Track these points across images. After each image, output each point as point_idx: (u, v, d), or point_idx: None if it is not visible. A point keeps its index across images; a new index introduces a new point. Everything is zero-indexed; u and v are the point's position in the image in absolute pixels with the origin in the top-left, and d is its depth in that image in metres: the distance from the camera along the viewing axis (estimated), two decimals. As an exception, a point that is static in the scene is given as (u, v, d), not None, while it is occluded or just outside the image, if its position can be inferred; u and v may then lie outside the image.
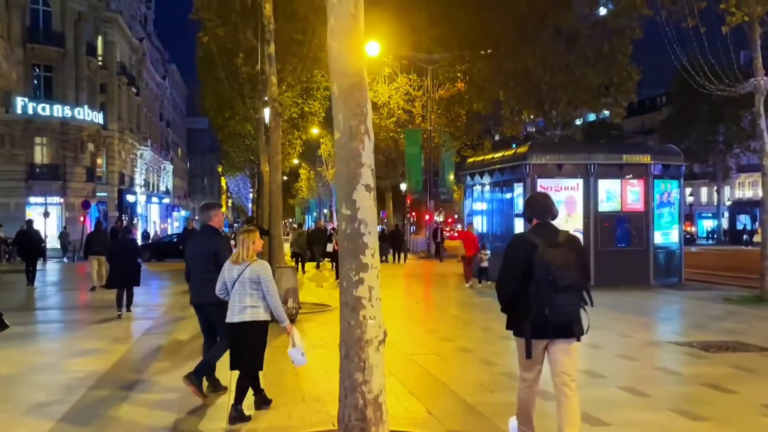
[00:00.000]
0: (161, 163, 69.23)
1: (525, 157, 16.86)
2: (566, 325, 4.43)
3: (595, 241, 16.84)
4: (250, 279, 5.54)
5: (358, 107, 4.37)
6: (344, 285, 4.31)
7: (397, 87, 37.21)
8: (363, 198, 4.28)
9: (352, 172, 4.30)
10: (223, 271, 5.69)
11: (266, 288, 5.58)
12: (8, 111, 39.08)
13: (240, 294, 5.57)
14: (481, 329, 10.59)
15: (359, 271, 4.24)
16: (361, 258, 4.25)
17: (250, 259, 5.60)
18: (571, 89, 21.85)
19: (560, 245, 4.53)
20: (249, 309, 5.56)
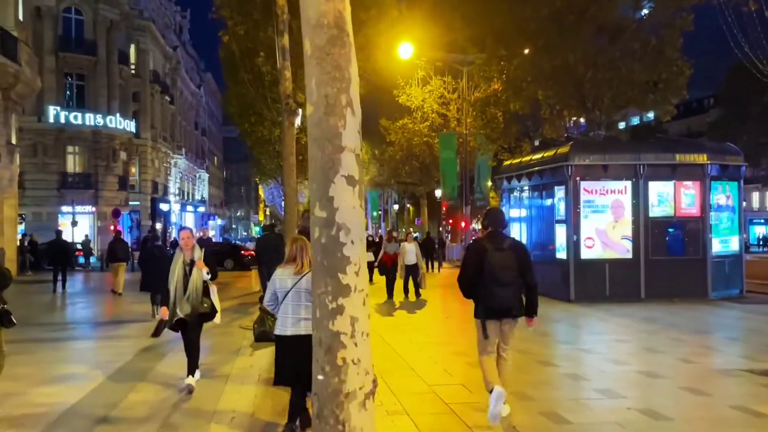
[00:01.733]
0: (196, 172, 69.16)
1: (566, 157, 15.43)
2: (507, 310, 5.75)
3: (645, 249, 15.30)
4: (307, 289, 5.08)
5: (337, 70, 3.15)
6: (317, 315, 3.09)
7: (431, 90, 36.07)
8: (343, 194, 3.07)
9: (329, 158, 3.08)
10: (273, 279, 5.38)
11: None
12: (40, 120, 39.06)
13: (294, 305, 5.25)
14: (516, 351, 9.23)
15: (337, 295, 3.02)
16: (340, 278, 3.03)
17: (307, 268, 5.22)
18: (616, 85, 20.27)
19: (505, 250, 5.72)
20: (303, 321, 5.16)
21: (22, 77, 24.11)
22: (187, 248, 6.96)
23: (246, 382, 7.43)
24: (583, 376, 7.51)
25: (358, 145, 3.16)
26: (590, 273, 15.21)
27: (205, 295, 6.97)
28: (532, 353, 8.95)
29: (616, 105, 21.23)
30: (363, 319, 3.05)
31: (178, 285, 6.82)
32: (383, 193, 59.09)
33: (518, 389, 6.87)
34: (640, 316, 12.62)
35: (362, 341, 3.04)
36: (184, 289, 6.83)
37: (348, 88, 3.15)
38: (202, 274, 6.87)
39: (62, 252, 20.50)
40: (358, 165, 3.15)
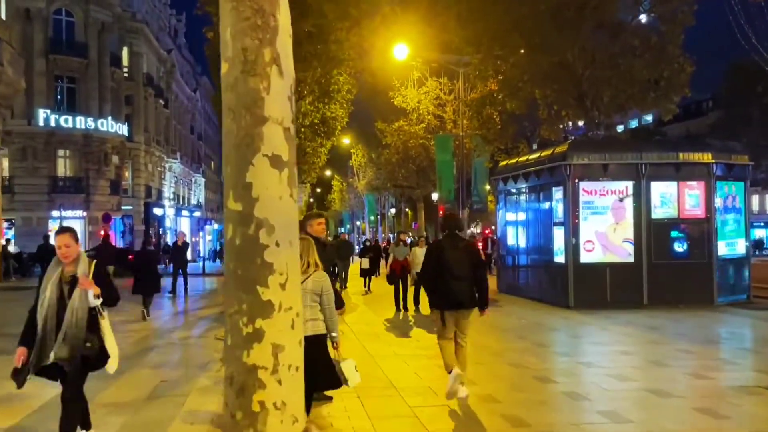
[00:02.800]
0: (192, 176, 68.36)
1: (565, 156, 14.68)
2: (461, 302, 6.48)
3: (648, 252, 14.55)
4: (313, 290, 5.10)
5: (259, 15, 2.40)
6: (228, 342, 2.33)
7: (426, 91, 35.30)
8: (265, 180, 2.32)
9: (247, 132, 2.34)
10: None
11: (327, 301, 5.22)
12: (30, 123, 38.31)
13: None
14: (511, 365, 8.45)
15: (255, 316, 2.27)
16: (258, 292, 2.27)
17: (314, 268, 5.17)
18: (616, 83, 19.58)
19: (460, 249, 6.56)
20: (309, 323, 5.03)
21: (5, 77, 23.37)
22: (67, 259, 4.70)
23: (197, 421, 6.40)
24: (584, 395, 6.74)
25: (289, 116, 2.40)
26: (590, 278, 14.46)
27: (90, 330, 4.64)
28: (528, 366, 8.18)
29: (615, 104, 20.53)
30: (291, 347, 2.30)
31: (49, 314, 4.58)
32: (380, 196, 58.31)
33: (512, 412, 6.10)
34: (643, 324, 11.86)
35: (289, 378, 2.28)
36: (58, 320, 4.59)
37: (274, 40, 2.40)
38: (89, 299, 4.61)
39: (50, 256, 19.68)
40: (289, 143, 2.39)
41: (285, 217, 2.27)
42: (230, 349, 2.24)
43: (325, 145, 31.63)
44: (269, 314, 2.21)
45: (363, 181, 56.32)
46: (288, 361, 2.23)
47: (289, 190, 2.30)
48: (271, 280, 2.23)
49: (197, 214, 69.99)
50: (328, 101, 25.96)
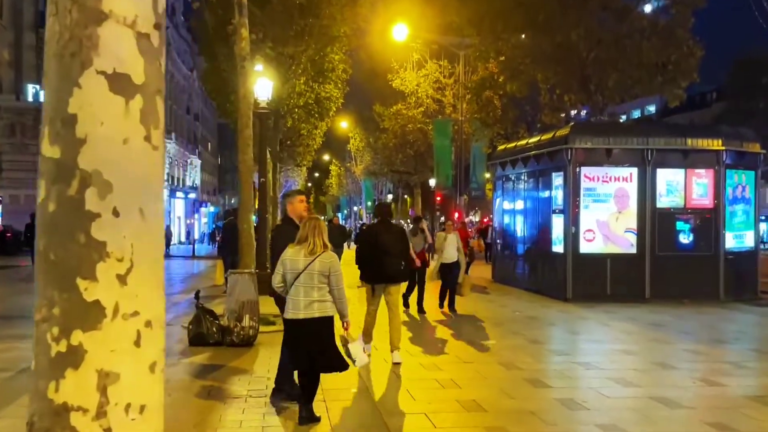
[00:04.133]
0: (187, 158, 67.34)
1: (566, 140, 13.81)
2: (392, 276, 7.59)
3: (651, 243, 13.72)
4: (320, 271, 5.03)
5: None
6: (32, 368, 1.49)
7: (426, 74, 34.33)
8: (98, 111, 1.47)
9: (73, 35, 1.49)
10: (283, 261, 5.14)
11: (336, 282, 5.10)
12: (19, 98, 37.31)
13: (306, 287, 5.05)
14: (502, 365, 7.64)
15: (70, 326, 1.43)
16: (80, 288, 1.43)
17: (320, 250, 5.07)
18: (622, 67, 18.69)
19: (392, 233, 7.78)
20: (317, 304, 5.05)
21: (-16, 48, 22.41)
22: None
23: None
24: (581, 403, 5.92)
25: (150, 16, 1.55)
26: (589, 269, 13.65)
27: None
28: (520, 367, 7.38)
29: (621, 88, 19.66)
30: (133, 377, 1.46)
31: None
32: (377, 182, 57.42)
33: (498, 424, 5.29)
34: (646, 321, 11.07)
35: (127, 427, 1.44)
36: None
37: None
38: None
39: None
40: (147, 57, 1.53)
41: (133, 172, 1.44)
42: (34, 378, 1.40)
43: (319, 127, 30.66)
44: (95, 323, 1.37)
45: (360, 165, 55.41)
46: (126, 399, 1.39)
47: (144, 130, 1.48)
48: (100, 269, 1.40)
49: (192, 196, 69.13)
50: (323, 81, 24.98)
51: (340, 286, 5.10)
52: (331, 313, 5.09)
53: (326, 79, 25.09)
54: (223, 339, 8.26)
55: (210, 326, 8.26)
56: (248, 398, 5.94)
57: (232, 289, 8.26)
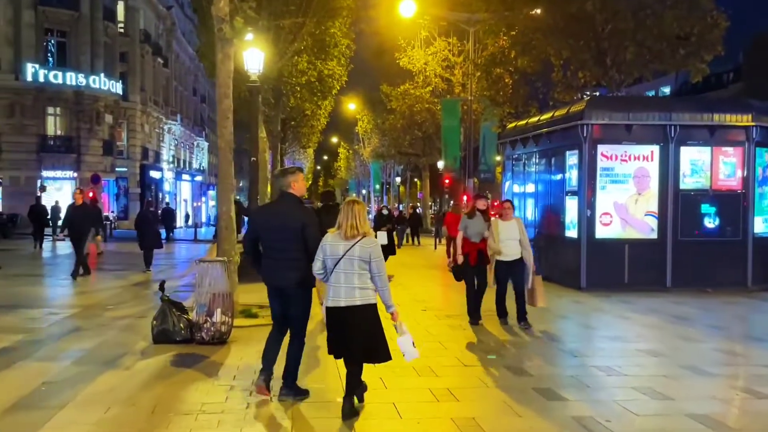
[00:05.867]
0: (194, 140, 66.49)
1: (581, 115, 12.67)
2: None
3: (674, 228, 12.63)
4: (360, 257, 4.84)
5: None
6: None
7: (434, 52, 33.14)
8: None
9: None
10: (323, 246, 4.98)
11: (377, 268, 4.88)
12: (18, 78, 36.44)
13: (347, 274, 4.88)
14: (508, 369, 6.64)
15: None
16: None
17: (361, 233, 4.87)
18: (641, 39, 17.46)
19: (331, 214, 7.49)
20: (359, 290, 4.87)
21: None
22: None
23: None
24: (604, 424, 4.88)
25: None
26: (606, 256, 12.56)
27: None
28: (528, 372, 6.37)
29: (639, 62, 18.44)
30: None
31: None
32: (386, 164, 56.27)
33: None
34: (669, 313, 10.02)
35: None
36: None
37: None
38: None
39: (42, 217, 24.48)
40: None
41: None
42: None
43: (323, 107, 29.55)
44: None
45: (368, 148, 54.31)
46: None
47: None
48: None
49: (199, 178, 68.35)
50: (325, 57, 23.84)
51: (382, 273, 4.90)
52: (373, 300, 4.92)
53: (328, 56, 23.97)
54: (192, 336, 7.30)
55: (177, 321, 7.30)
56: (199, 415, 4.96)
57: (202, 279, 7.27)
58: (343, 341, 4.95)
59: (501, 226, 8.74)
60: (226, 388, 5.68)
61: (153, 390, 5.61)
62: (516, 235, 8.70)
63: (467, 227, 8.87)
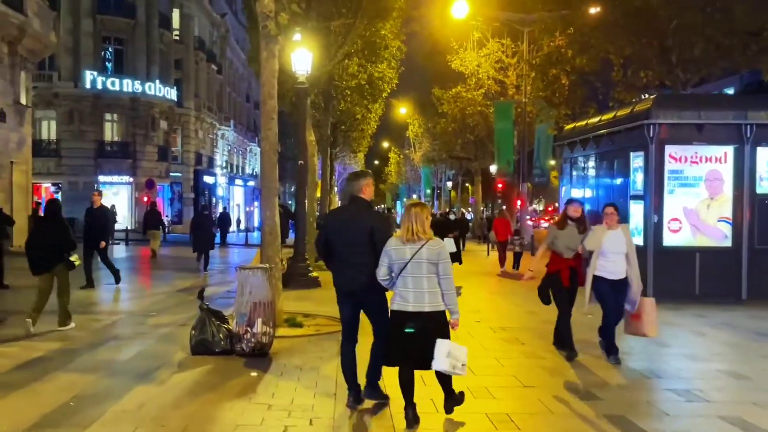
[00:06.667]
0: (247, 145, 67.23)
1: (648, 114, 11.86)
2: None
3: (750, 235, 11.69)
4: (428, 260, 4.73)
5: None
6: None
7: (487, 54, 32.36)
8: None
9: None
10: (387, 251, 4.85)
11: (444, 270, 4.76)
12: (77, 85, 37.33)
13: (415, 278, 4.75)
14: (571, 392, 6.01)
15: None
16: None
17: (426, 236, 4.74)
18: (709, 34, 16.44)
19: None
20: (428, 295, 4.75)
21: (30, 30, 21.84)
22: None
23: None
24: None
25: None
26: (675, 265, 11.69)
27: None
28: (597, 395, 5.71)
29: (707, 59, 17.40)
30: None
31: None
32: (436, 169, 55.58)
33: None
34: (747, 328, 9.18)
35: None
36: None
37: None
38: None
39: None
40: None
41: None
42: None
43: (373, 110, 29.13)
44: None
45: (419, 152, 53.74)
46: None
47: None
48: None
49: (251, 183, 68.95)
50: (375, 59, 23.41)
51: (449, 275, 4.77)
52: (443, 307, 4.79)
53: (379, 58, 23.53)
54: (231, 347, 6.89)
55: (216, 332, 6.91)
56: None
57: (242, 287, 6.86)
58: (404, 347, 4.79)
59: (605, 234, 7.04)
60: (264, 407, 5.22)
61: (185, 408, 5.20)
62: (622, 247, 7.03)
63: (556, 239, 7.34)
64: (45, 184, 37.35)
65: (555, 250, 7.36)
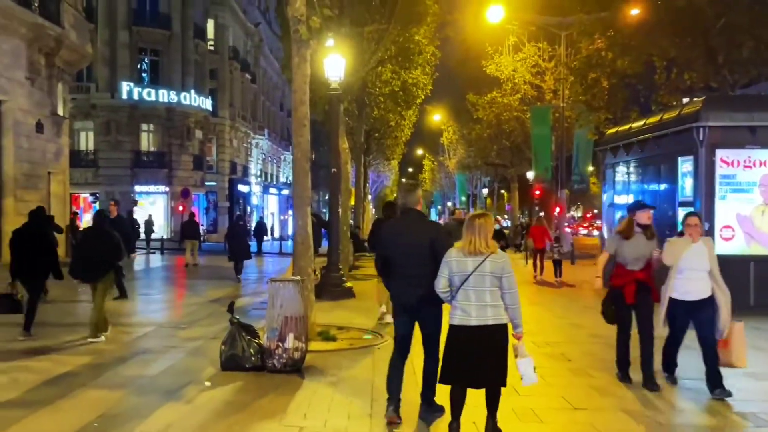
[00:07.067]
0: (281, 154, 67.52)
1: (697, 117, 11.30)
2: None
3: (809, 245, 11.03)
4: (492, 272, 4.59)
5: None
6: None
7: (523, 58, 31.82)
8: None
9: None
10: (447, 263, 4.70)
11: (509, 284, 4.61)
12: (114, 96, 37.82)
13: (477, 291, 4.61)
14: (626, 414, 5.55)
15: None
16: None
17: (489, 249, 4.59)
18: (758, 33, 15.76)
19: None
20: (491, 309, 4.60)
21: (66, 41, 22.05)
22: None
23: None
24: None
25: None
26: (727, 274, 10.86)
27: None
28: (655, 419, 5.25)
29: (756, 59, 16.69)
30: None
31: None
32: (471, 176, 54.99)
33: None
34: (811, 343, 8.57)
35: None
36: None
37: None
38: None
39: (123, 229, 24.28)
40: None
41: None
42: None
43: (407, 117, 28.81)
44: None
45: (453, 159, 53.26)
46: None
47: None
48: None
49: (286, 192, 69.18)
50: (409, 65, 23.09)
51: (514, 289, 4.62)
52: (505, 321, 4.65)
53: (413, 64, 23.22)
54: (263, 363, 6.59)
55: (247, 347, 6.61)
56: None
57: (273, 300, 6.56)
58: (462, 363, 4.63)
59: (686, 249, 6.15)
60: (295, 430, 4.89)
61: (212, 430, 4.90)
62: (704, 264, 6.19)
63: (622, 249, 6.47)
64: (83, 194, 37.86)
65: (619, 260, 6.55)
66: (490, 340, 4.57)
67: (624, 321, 6.53)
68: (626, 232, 6.50)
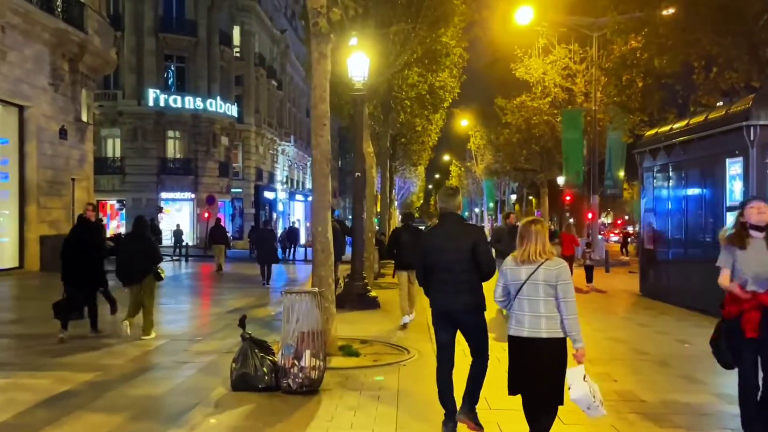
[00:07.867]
0: (307, 160, 67.20)
1: (747, 115, 10.52)
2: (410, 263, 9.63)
3: None
4: (546, 281, 4.31)
5: None
6: None
7: (553, 60, 31.02)
8: None
9: None
10: (503, 271, 4.53)
11: (564, 293, 4.28)
12: (140, 103, 37.84)
13: (531, 301, 4.35)
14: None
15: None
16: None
17: (544, 256, 4.33)
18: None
19: (411, 233, 10.40)
20: (544, 320, 4.30)
21: (90, 47, 21.90)
22: None
23: None
24: None
25: None
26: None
27: None
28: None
29: (804, 56, 15.80)
30: None
31: None
32: (499, 181, 54.11)
33: None
34: None
35: None
36: None
37: None
38: None
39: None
40: None
41: None
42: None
43: (433, 121, 28.20)
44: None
45: (481, 165, 52.46)
46: None
47: None
48: None
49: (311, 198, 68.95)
50: (436, 68, 22.49)
51: (569, 298, 4.29)
52: (561, 334, 4.31)
53: (440, 66, 22.62)
54: (277, 383, 6.02)
55: (260, 365, 6.05)
56: None
57: (288, 315, 5.99)
58: (520, 375, 4.41)
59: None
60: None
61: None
62: None
63: (737, 263, 4.69)
64: (110, 201, 37.90)
65: (736, 278, 4.69)
66: (540, 354, 4.29)
67: (746, 363, 4.67)
68: (738, 239, 4.69)
